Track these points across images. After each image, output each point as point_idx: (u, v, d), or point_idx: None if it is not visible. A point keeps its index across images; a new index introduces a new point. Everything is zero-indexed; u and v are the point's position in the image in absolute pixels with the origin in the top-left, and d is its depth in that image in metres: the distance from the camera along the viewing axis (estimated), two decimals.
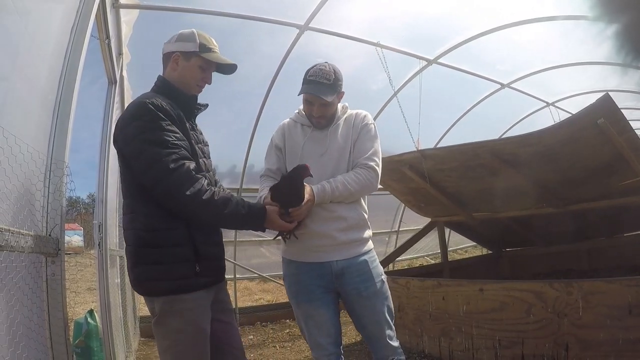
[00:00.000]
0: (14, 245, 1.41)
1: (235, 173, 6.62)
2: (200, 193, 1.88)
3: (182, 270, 1.91)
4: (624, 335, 3.10)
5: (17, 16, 1.66)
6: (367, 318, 2.40)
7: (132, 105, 2.02)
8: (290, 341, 5.47)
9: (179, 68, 2.15)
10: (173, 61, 2.15)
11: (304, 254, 2.40)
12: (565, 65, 7.09)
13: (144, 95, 2.04)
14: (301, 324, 2.49)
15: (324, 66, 2.41)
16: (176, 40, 2.16)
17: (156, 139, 1.88)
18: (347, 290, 2.37)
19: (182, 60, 2.14)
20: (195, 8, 4.66)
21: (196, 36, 2.14)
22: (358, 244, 2.41)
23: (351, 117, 2.52)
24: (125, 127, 1.94)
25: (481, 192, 4.78)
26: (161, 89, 2.14)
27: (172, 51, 2.15)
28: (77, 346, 3.86)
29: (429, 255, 10.22)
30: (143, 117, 1.90)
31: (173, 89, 2.13)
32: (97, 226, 3.37)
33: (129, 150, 1.93)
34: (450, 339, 4.07)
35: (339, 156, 2.42)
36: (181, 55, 2.14)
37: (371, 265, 2.41)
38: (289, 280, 2.49)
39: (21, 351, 1.51)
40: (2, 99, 1.59)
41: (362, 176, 2.35)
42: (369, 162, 2.39)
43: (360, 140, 2.45)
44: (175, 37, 2.18)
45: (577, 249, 5.76)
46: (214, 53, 2.18)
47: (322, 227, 2.33)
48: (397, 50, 5.98)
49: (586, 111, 3.40)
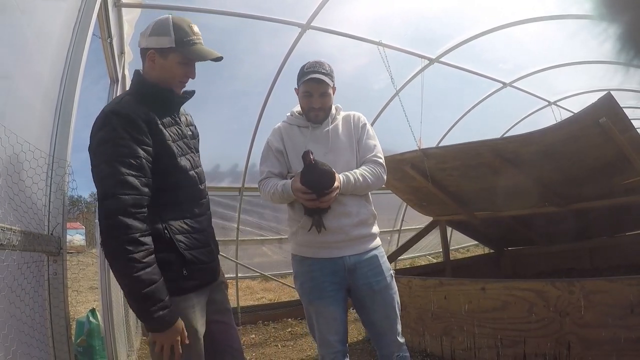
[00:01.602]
0: (15, 244, 1.41)
1: (236, 172, 6.63)
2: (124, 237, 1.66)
3: (169, 275, 1.79)
4: (625, 334, 3.09)
5: (20, 14, 1.66)
6: (379, 313, 2.44)
7: (99, 114, 1.84)
8: (292, 340, 5.47)
9: (156, 67, 1.95)
10: (149, 59, 1.95)
11: (317, 250, 2.43)
12: (568, 64, 7.07)
13: (113, 101, 1.95)
14: (311, 321, 2.50)
15: (318, 60, 2.50)
16: (150, 35, 1.95)
17: (111, 153, 1.71)
18: (359, 285, 2.42)
19: (158, 57, 1.94)
20: (197, 7, 4.67)
21: (171, 29, 1.92)
22: (369, 239, 2.50)
23: (349, 117, 2.61)
24: (92, 138, 1.79)
25: (483, 191, 4.77)
26: (136, 87, 1.98)
27: (146, 47, 1.95)
28: (79, 345, 3.87)
29: (430, 254, 10.22)
30: (106, 127, 1.75)
31: (148, 86, 1.95)
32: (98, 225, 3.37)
33: (91, 159, 1.78)
34: (452, 338, 4.07)
35: (346, 153, 2.51)
36: (157, 52, 1.93)
37: (381, 260, 2.50)
38: (301, 278, 2.50)
39: (23, 350, 1.51)
40: (6, 97, 1.59)
41: (376, 170, 2.49)
42: (377, 158, 2.54)
43: (363, 139, 2.56)
44: (149, 28, 1.96)
45: (579, 248, 5.74)
46: (194, 46, 1.96)
47: (335, 223, 2.39)
48: (399, 49, 5.97)
49: (588, 110, 3.39)
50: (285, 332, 5.93)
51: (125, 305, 4.37)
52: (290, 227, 2.57)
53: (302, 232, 2.44)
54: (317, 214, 2.37)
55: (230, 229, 6.66)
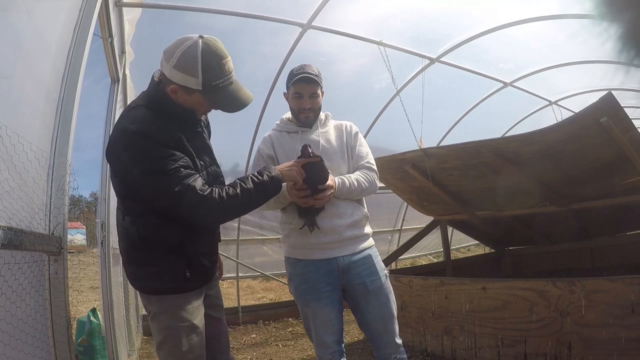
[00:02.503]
0: (16, 244, 1.41)
1: (237, 172, 6.63)
2: (214, 203, 1.82)
3: (172, 275, 1.90)
4: (626, 334, 3.09)
5: (23, 13, 1.67)
6: (373, 313, 2.44)
7: (120, 132, 1.82)
8: (293, 339, 5.47)
9: (179, 98, 1.87)
10: (171, 91, 1.85)
11: (310, 251, 2.45)
12: (568, 64, 7.07)
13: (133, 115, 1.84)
14: (308, 322, 2.51)
15: (306, 64, 2.56)
16: (175, 67, 1.80)
17: (152, 168, 1.75)
18: (354, 285, 2.43)
19: (182, 93, 1.85)
20: (197, 7, 4.66)
21: (199, 69, 1.79)
22: (362, 239, 2.50)
23: (340, 125, 2.67)
24: (119, 157, 1.82)
25: (484, 190, 4.77)
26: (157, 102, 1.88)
27: (170, 79, 1.84)
28: (79, 344, 3.88)
29: (431, 254, 10.22)
30: (133, 147, 1.76)
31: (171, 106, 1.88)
32: (99, 225, 3.38)
33: (132, 179, 1.80)
34: (453, 338, 4.07)
35: (337, 158, 2.54)
36: (180, 88, 1.84)
37: (375, 259, 2.50)
38: (296, 280, 2.51)
39: (24, 349, 1.51)
40: (8, 97, 1.59)
41: (369, 176, 2.54)
42: (370, 164, 2.60)
43: (356, 146, 2.63)
44: (175, 57, 1.80)
45: (580, 248, 5.74)
46: (223, 90, 1.88)
47: (328, 223, 2.40)
48: (399, 48, 5.97)
49: (589, 110, 3.39)
50: (286, 331, 5.93)
51: (126, 305, 4.38)
52: (283, 230, 2.59)
53: (295, 234, 2.47)
54: (311, 215, 2.38)
55: (231, 229, 6.67)
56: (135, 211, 1.90)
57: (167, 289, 1.91)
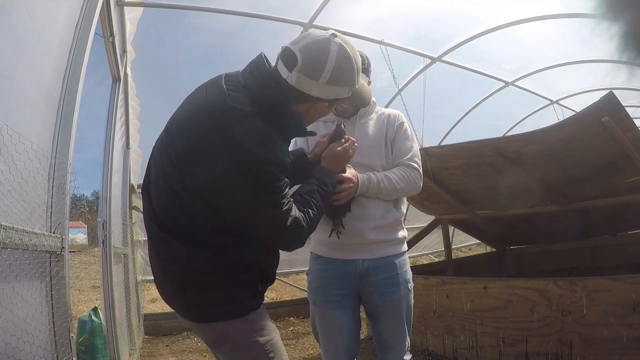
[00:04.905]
0: (17, 243, 1.41)
1: None
2: (304, 232, 1.65)
3: (247, 293, 1.69)
4: (628, 333, 3.09)
5: (24, 13, 1.67)
6: (386, 327, 2.30)
7: (241, 152, 1.47)
8: (294, 339, 5.47)
9: (309, 115, 1.63)
10: (305, 109, 1.60)
11: (332, 250, 2.27)
12: (570, 64, 7.07)
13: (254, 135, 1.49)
14: (313, 323, 2.37)
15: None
16: (328, 83, 1.52)
17: (273, 201, 1.55)
18: (370, 292, 2.24)
19: (322, 107, 1.62)
20: (199, 6, 4.67)
21: (356, 74, 1.60)
22: (388, 244, 2.27)
23: (383, 115, 2.37)
24: (233, 182, 1.51)
25: (485, 190, 4.77)
26: (270, 111, 1.53)
27: (317, 97, 1.55)
28: (81, 344, 3.88)
29: (432, 253, 10.23)
30: (258, 177, 1.50)
31: (290, 119, 1.59)
32: (101, 224, 3.38)
33: (238, 205, 1.54)
34: (454, 337, 4.07)
35: (371, 154, 2.27)
36: (329, 103, 1.61)
37: (399, 269, 2.27)
38: (311, 277, 2.37)
39: (25, 349, 1.52)
40: (9, 96, 1.59)
41: (408, 175, 2.25)
42: (412, 162, 2.28)
43: (398, 139, 2.32)
44: (326, 72, 1.51)
45: (581, 247, 5.74)
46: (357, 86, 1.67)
47: (351, 225, 2.19)
48: (401, 48, 5.97)
49: (590, 109, 3.39)
50: (287, 331, 5.92)
51: (128, 304, 4.39)
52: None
53: (321, 231, 2.27)
54: (337, 218, 2.19)
55: None
56: (208, 236, 1.62)
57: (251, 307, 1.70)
